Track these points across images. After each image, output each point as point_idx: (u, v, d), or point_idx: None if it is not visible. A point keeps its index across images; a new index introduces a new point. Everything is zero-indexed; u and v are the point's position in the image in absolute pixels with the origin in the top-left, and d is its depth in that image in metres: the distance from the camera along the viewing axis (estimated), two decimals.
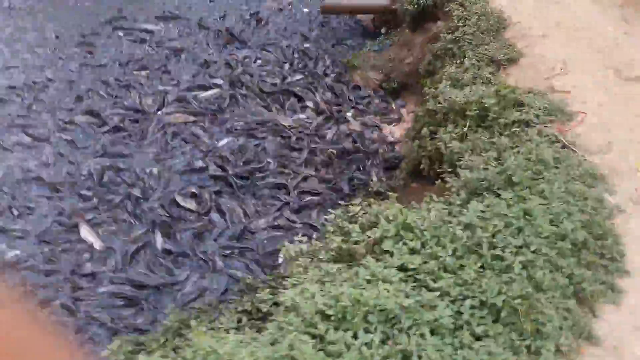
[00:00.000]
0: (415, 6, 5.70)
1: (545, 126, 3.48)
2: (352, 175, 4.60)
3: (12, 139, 4.83)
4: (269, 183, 4.49)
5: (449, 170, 3.52)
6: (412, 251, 2.51)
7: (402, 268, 2.41)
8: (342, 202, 4.24)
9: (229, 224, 4.13)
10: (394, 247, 2.53)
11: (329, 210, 3.42)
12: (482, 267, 2.33)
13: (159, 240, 3.98)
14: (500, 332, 2.16)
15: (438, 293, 2.24)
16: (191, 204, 4.25)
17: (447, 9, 5.22)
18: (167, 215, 4.16)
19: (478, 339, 2.15)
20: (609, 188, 2.96)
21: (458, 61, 4.53)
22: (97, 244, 3.94)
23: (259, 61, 5.99)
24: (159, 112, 5.13)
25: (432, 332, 2.11)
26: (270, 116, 5.14)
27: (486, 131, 3.63)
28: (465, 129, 3.59)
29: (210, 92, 5.39)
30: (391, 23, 6.65)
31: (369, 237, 2.67)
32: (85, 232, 4.00)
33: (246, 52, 6.15)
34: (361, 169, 4.69)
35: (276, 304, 2.68)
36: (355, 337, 2.08)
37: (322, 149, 4.81)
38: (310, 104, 5.31)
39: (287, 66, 5.91)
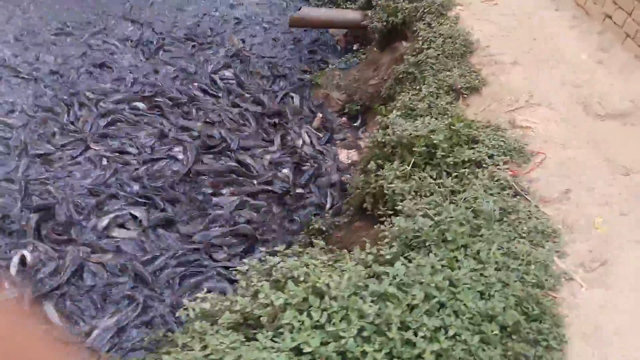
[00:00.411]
0: (384, 23, 5.34)
1: (498, 168, 3.09)
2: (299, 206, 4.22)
3: None
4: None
5: (390, 212, 3.14)
6: (316, 326, 2.12)
7: (297, 350, 2.01)
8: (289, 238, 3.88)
9: None
10: (296, 320, 2.14)
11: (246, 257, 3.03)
12: (389, 354, 1.93)
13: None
14: None
15: None
16: None
17: (415, 28, 4.85)
18: None
19: None
20: (560, 249, 2.56)
21: (417, 87, 4.16)
22: None
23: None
24: None
25: None
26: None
27: (434, 170, 3.25)
28: (409, 167, 3.20)
29: None
30: (363, 40, 6.30)
31: (273, 302, 2.28)
32: None
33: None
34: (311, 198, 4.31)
35: None
36: None
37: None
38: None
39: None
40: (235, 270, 2.69)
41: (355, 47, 6.35)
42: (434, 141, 3.25)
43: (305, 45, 6.37)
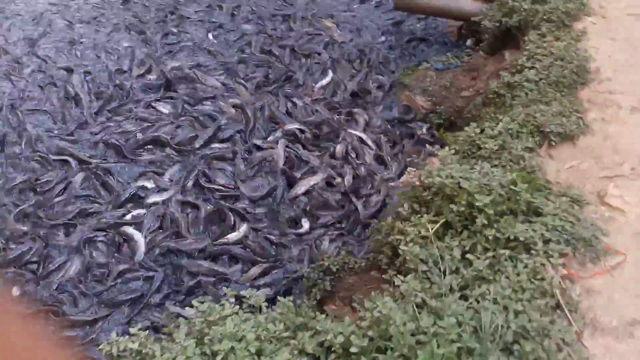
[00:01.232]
0: (497, 24, 4.42)
1: (549, 260, 2.30)
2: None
3: None
4: None
5: (402, 280, 2.52)
6: None
7: None
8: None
9: None
10: None
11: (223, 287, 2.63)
12: None
13: None
14: None
15: None
16: None
17: (526, 37, 3.91)
18: None
19: None
20: None
21: (501, 116, 3.33)
22: None
23: None
24: None
25: None
26: None
27: (470, 239, 2.54)
28: (432, 230, 2.52)
29: None
30: (480, 38, 5.36)
31: None
32: None
33: None
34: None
35: None
36: None
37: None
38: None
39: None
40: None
41: (468, 44, 5.44)
42: (477, 203, 2.52)
43: (407, 32, 5.60)
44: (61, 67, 4.90)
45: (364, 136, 4.29)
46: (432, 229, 2.53)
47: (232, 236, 3.54)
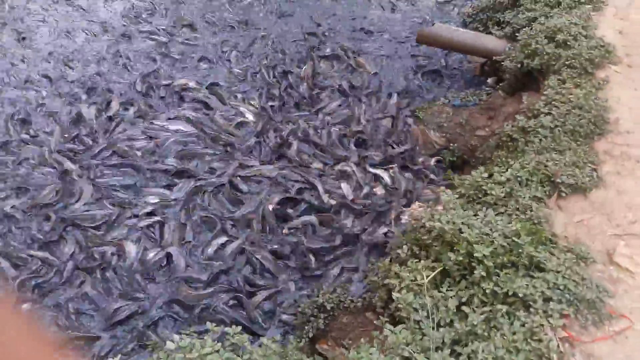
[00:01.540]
0: (519, 65, 4.34)
1: (549, 320, 2.19)
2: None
3: None
4: None
5: (391, 331, 2.42)
6: None
7: None
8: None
9: None
10: None
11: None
12: None
13: None
14: None
15: None
16: None
17: (546, 82, 3.83)
18: None
19: None
20: None
21: (511, 162, 3.24)
22: None
23: None
24: None
25: None
26: None
27: (468, 290, 2.44)
28: (427, 279, 2.43)
29: None
30: (502, 76, 5.29)
31: None
32: None
33: None
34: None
35: None
36: None
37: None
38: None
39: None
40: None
41: (490, 81, 5.36)
42: (477, 254, 2.43)
43: (427, 64, 5.56)
44: None
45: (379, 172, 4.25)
46: (427, 277, 2.44)
47: None
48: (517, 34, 4.68)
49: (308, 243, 3.64)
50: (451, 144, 4.41)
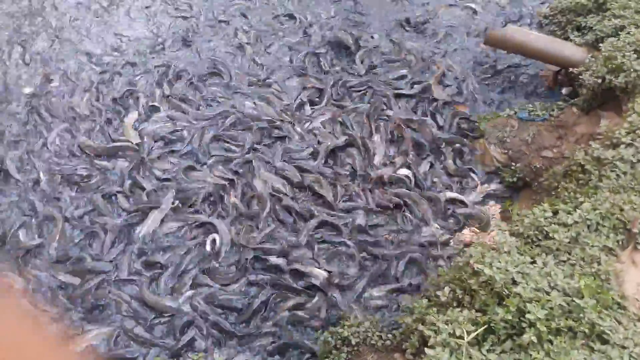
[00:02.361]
0: (599, 80, 3.85)
1: None
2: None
3: None
4: None
5: None
6: None
7: None
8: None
9: None
10: None
11: None
12: None
13: None
14: None
15: None
16: None
17: (633, 105, 3.35)
18: None
19: None
20: None
21: (581, 199, 2.83)
22: None
23: None
24: None
25: None
26: None
27: (510, 353, 2.12)
28: (467, 338, 2.12)
29: None
30: (578, 88, 4.76)
31: None
32: None
33: None
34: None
35: None
36: None
37: None
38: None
39: None
40: None
41: (564, 91, 4.84)
42: (529, 315, 2.09)
43: (492, 71, 5.09)
44: None
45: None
46: (469, 334, 2.13)
47: None
48: (600, 44, 4.17)
49: None
50: (513, 163, 3.99)
